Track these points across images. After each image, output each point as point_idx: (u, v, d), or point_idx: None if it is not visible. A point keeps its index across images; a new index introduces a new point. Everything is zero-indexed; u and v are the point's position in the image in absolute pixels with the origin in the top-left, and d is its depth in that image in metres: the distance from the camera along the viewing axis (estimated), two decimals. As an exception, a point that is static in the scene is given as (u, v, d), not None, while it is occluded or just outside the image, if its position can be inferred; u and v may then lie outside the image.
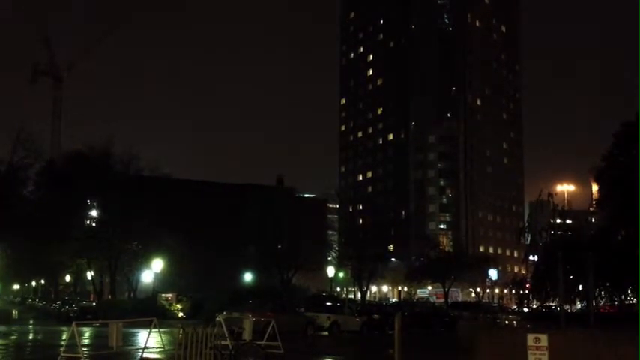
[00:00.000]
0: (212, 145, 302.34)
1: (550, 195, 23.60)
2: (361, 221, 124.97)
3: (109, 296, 63.21)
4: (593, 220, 39.97)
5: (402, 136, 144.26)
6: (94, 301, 64.59)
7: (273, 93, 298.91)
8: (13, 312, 57.07)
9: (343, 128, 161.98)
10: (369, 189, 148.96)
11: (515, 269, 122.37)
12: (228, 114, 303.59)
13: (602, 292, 34.21)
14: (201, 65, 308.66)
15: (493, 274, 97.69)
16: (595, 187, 42.35)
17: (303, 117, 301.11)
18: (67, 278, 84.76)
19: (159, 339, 23.28)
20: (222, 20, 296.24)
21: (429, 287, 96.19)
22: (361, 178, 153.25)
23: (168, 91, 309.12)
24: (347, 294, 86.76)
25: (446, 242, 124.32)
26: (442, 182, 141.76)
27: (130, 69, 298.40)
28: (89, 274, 66.93)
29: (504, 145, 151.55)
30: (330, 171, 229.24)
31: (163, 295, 55.81)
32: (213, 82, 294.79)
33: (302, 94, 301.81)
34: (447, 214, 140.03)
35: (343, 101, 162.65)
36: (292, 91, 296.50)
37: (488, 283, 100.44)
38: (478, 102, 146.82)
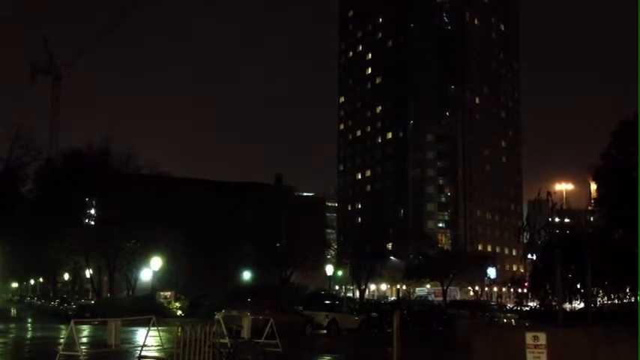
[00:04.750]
0: (211, 144, 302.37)
1: (549, 194, 23.57)
2: (360, 219, 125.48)
3: (108, 294, 63.22)
4: (591, 219, 40.02)
5: (401, 134, 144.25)
6: (92, 300, 64.63)
7: (272, 91, 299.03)
8: (12, 310, 57.21)
9: (342, 127, 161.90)
10: (368, 187, 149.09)
11: (514, 268, 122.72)
12: (228, 113, 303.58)
13: (601, 291, 34.27)
14: (200, 64, 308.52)
15: (492, 272, 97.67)
16: (594, 186, 42.38)
17: (302, 115, 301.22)
18: (66, 276, 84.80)
19: (157, 337, 23.29)
20: (221, 20, 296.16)
21: (428, 286, 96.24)
22: (360, 177, 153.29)
23: (168, 91, 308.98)
24: (345, 292, 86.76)
25: (444, 241, 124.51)
26: (441, 181, 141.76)
27: (130, 68, 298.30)
28: (88, 273, 66.94)
29: (503, 144, 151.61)
30: (328, 169, 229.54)
31: (162, 293, 55.84)
32: (213, 80, 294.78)
33: (301, 93, 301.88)
34: (446, 213, 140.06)
35: (342, 99, 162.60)
36: (291, 90, 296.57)
37: (486, 282, 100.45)
38: (477, 100, 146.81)
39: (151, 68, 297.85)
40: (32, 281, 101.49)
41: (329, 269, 60.27)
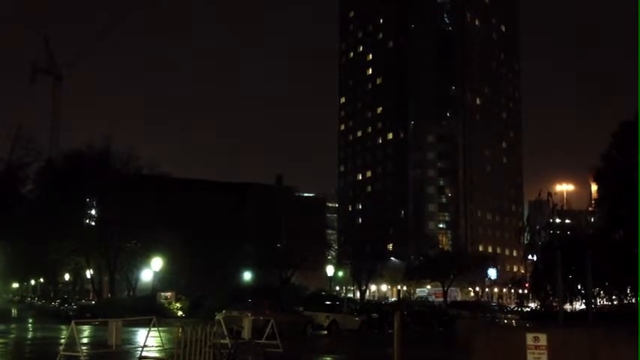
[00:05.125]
0: (211, 144, 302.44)
1: (549, 194, 23.63)
2: (360, 220, 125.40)
3: (108, 295, 63.25)
4: (592, 220, 40.01)
5: (402, 135, 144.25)
6: (93, 300, 64.68)
7: (272, 91, 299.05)
8: (13, 311, 57.12)
9: (342, 127, 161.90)
10: (369, 188, 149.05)
11: (515, 269, 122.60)
12: (228, 113, 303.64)
13: (602, 292, 34.29)
14: (200, 64, 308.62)
15: (492, 273, 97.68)
16: (594, 187, 42.36)
17: (302, 116, 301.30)
18: (67, 277, 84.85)
19: (158, 338, 23.30)
20: (221, 20, 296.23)
21: (428, 286, 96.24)
22: (360, 177, 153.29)
23: (168, 91, 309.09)
24: (346, 293, 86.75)
25: (445, 241, 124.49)
26: (441, 181, 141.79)
27: (130, 68, 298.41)
28: (88, 273, 66.95)
29: (503, 145, 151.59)
30: (329, 170, 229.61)
31: (162, 293, 55.84)
32: (213, 80, 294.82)
33: (301, 93, 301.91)
34: (446, 214, 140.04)
35: (342, 100, 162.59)
36: (291, 90, 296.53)
37: (487, 283, 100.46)
38: (477, 101, 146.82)
39: (151, 68, 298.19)
40: (33, 281, 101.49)
41: (329, 270, 60.28)
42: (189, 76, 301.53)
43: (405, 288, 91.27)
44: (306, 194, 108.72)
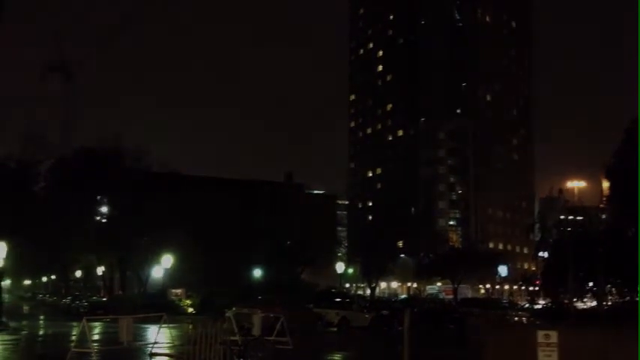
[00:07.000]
0: (221, 142, 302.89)
1: (560, 191, 23.50)
2: (370, 217, 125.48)
3: (119, 292, 63.58)
4: (603, 217, 39.80)
5: (412, 132, 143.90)
6: (104, 297, 64.98)
7: (283, 89, 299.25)
8: (24, 307, 57.60)
9: (353, 124, 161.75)
10: (379, 185, 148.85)
11: (525, 266, 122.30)
12: (238, 111, 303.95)
13: (613, 289, 34.13)
14: (208, 61, 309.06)
15: (503, 270, 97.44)
16: (606, 184, 42.15)
17: (312, 113, 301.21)
18: (78, 274, 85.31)
19: (168, 334, 23.40)
20: (230, 17, 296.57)
21: (439, 284, 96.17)
22: (371, 175, 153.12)
23: (178, 88, 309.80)
24: (356, 290, 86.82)
25: (455, 239, 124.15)
26: (452, 178, 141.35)
27: (136, 67, 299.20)
28: (99, 270, 67.29)
29: (514, 142, 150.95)
30: (339, 167, 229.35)
31: (173, 290, 56.08)
32: (223, 78, 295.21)
33: (311, 91, 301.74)
34: (457, 211, 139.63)
35: (353, 97, 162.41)
36: (302, 88, 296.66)
37: (497, 280, 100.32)
38: (488, 98, 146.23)
39: (156, 67, 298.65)
40: (44, 279, 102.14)
41: (340, 267, 60.35)
42: (195, 73, 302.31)
43: (415, 285, 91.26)
44: (316, 191, 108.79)
